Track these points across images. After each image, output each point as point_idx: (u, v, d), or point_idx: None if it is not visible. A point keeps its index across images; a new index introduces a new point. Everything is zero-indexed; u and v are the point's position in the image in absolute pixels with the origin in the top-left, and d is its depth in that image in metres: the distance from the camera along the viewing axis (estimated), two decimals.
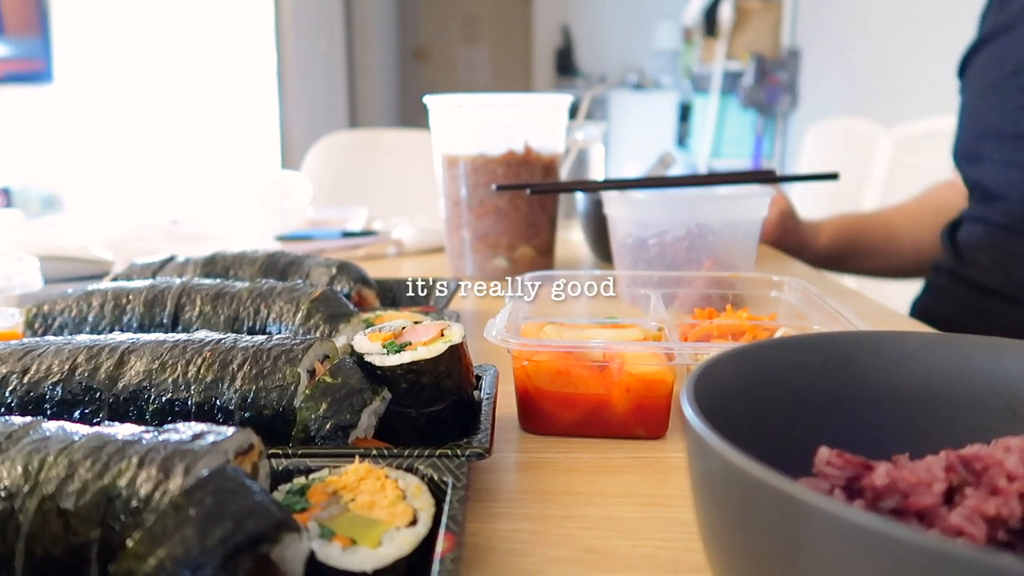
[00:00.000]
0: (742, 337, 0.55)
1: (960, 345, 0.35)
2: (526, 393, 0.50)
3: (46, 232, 0.98)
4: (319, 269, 0.69)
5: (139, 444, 0.30)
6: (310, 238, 1.13)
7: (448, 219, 0.97)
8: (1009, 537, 0.25)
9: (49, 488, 0.28)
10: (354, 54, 4.37)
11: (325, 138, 2.17)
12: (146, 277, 0.68)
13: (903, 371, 0.35)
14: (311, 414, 0.41)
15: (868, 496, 0.27)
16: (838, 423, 0.35)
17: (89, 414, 0.42)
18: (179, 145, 3.48)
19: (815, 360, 0.35)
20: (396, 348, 0.44)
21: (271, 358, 0.42)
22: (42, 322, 0.58)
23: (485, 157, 0.92)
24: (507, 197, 0.92)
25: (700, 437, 0.25)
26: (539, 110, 0.95)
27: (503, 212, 0.92)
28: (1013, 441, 0.28)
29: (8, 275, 0.74)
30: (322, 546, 0.31)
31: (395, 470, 0.36)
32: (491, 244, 0.94)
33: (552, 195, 0.95)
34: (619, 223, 0.83)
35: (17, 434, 0.31)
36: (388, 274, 0.79)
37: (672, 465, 0.46)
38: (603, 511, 0.40)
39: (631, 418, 0.49)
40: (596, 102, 4.73)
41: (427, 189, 1.24)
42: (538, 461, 0.47)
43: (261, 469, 0.34)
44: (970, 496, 0.26)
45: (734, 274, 0.70)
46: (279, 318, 0.55)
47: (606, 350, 0.49)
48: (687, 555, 0.36)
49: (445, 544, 0.30)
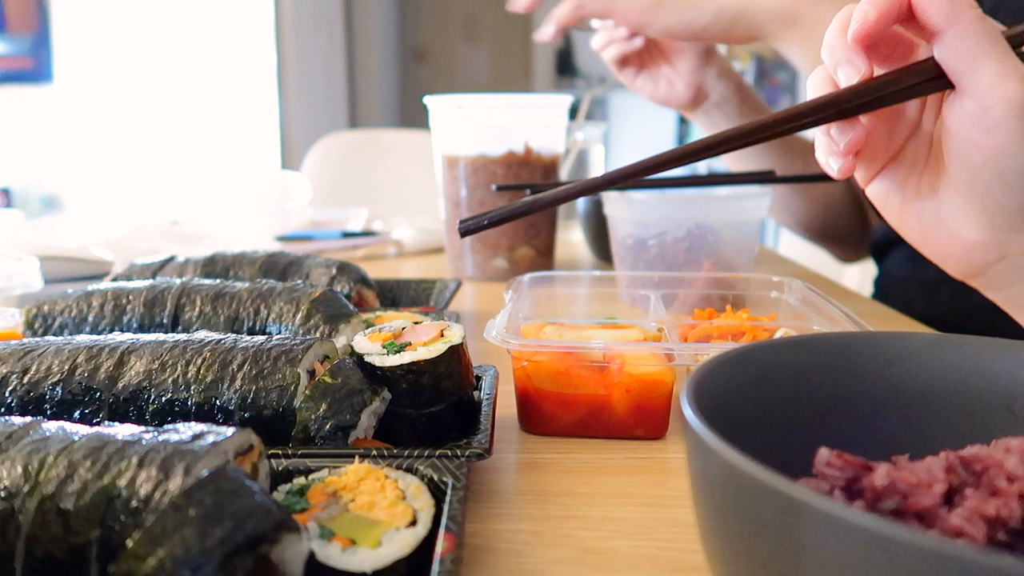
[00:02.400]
0: (742, 338, 0.55)
1: (960, 345, 0.35)
2: (526, 393, 0.50)
3: (46, 232, 0.98)
4: (319, 269, 0.69)
5: (139, 444, 0.30)
6: (310, 238, 1.13)
7: (448, 219, 0.97)
8: (1009, 538, 0.25)
9: (49, 488, 0.28)
10: (354, 54, 4.37)
11: (325, 138, 2.17)
12: (146, 277, 0.68)
13: (903, 371, 0.35)
14: (311, 414, 0.41)
15: (868, 497, 0.27)
16: (838, 423, 0.35)
17: (89, 414, 0.42)
18: (179, 145, 3.47)
19: (815, 360, 0.35)
20: (396, 348, 0.44)
21: (271, 358, 0.42)
22: (42, 322, 0.58)
23: (485, 158, 0.92)
24: (507, 197, 0.92)
25: (700, 438, 0.25)
26: (539, 111, 0.95)
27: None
28: (1013, 442, 0.28)
29: (8, 275, 0.74)
30: (322, 546, 0.31)
31: (395, 470, 0.36)
32: (491, 245, 0.94)
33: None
34: (619, 223, 0.83)
35: (17, 434, 0.31)
36: (388, 274, 0.79)
37: (672, 465, 0.46)
38: (603, 512, 0.40)
39: (631, 419, 0.49)
40: (596, 102, 4.73)
41: (427, 189, 1.24)
42: (538, 462, 0.47)
43: (261, 469, 0.34)
44: (970, 497, 0.26)
45: (734, 275, 0.70)
46: (279, 318, 0.55)
47: (606, 351, 0.49)
48: (687, 556, 0.36)
49: (445, 544, 0.30)
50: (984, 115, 0.38)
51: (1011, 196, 0.39)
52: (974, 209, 0.41)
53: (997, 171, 0.39)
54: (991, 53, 0.37)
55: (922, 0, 0.38)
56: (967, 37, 0.37)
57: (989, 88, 0.38)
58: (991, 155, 0.39)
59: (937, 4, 0.38)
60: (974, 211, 0.41)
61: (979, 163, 0.39)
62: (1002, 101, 0.37)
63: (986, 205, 0.40)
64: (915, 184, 0.43)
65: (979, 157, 0.39)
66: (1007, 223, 0.40)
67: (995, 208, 0.40)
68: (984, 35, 0.38)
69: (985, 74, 0.37)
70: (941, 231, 0.43)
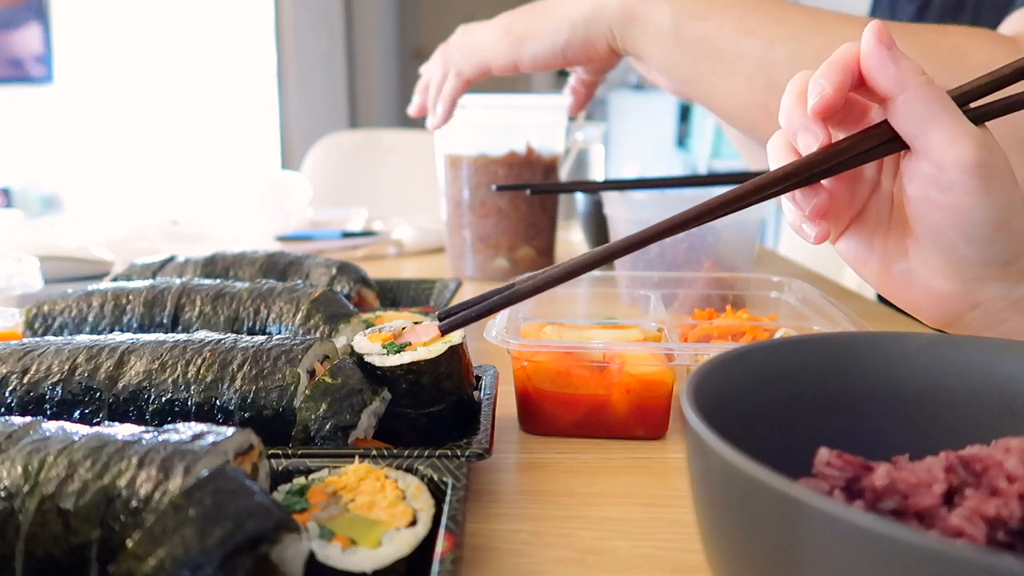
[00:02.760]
0: (742, 338, 0.55)
1: (960, 345, 0.35)
2: (526, 393, 0.50)
3: (46, 232, 0.98)
4: (319, 269, 0.69)
5: (139, 444, 0.30)
6: (310, 238, 1.13)
7: (450, 219, 0.97)
8: (1009, 538, 0.25)
9: (49, 488, 0.28)
10: (354, 54, 4.37)
11: (325, 138, 2.17)
12: (146, 277, 0.68)
13: (903, 371, 0.35)
14: (311, 414, 0.41)
15: (868, 497, 0.27)
16: (838, 423, 0.35)
17: (89, 414, 0.42)
18: (179, 145, 3.48)
19: (815, 361, 0.35)
20: (396, 348, 0.44)
21: (271, 358, 0.42)
22: (42, 322, 0.58)
23: (487, 157, 0.92)
24: (508, 198, 0.92)
25: (700, 438, 0.25)
26: (540, 111, 0.95)
27: (504, 212, 0.92)
28: (1013, 442, 0.28)
29: (8, 275, 0.74)
30: (322, 546, 0.31)
31: (395, 470, 0.36)
32: (492, 245, 0.94)
33: (553, 196, 0.95)
34: (619, 223, 0.83)
35: (17, 434, 0.31)
36: (388, 274, 0.79)
37: (672, 465, 0.46)
38: (603, 512, 0.40)
39: (631, 419, 0.49)
40: (596, 103, 4.73)
41: (427, 189, 1.24)
42: (538, 462, 0.47)
43: (261, 469, 0.34)
44: (970, 497, 0.26)
45: (734, 275, 0.70)
46: (279, 318, 0.55)
47: (606, 351, 0.49)
48: (687, 556, 0.36)
49: (445, 544, 0.30)
50: (939, 175, 0.39)
51: (975, 250, 0.41)
52: (941, 263, 0.42)
53: (958, 227, 0.40)
54: (940, 116, 0.39)
55: (871, 70, 0.40)
56: (916, 103, 0.39)
57: (941, 150, 0.39)
58: (950, 212, 0.40)
59: (886, 73, 0.39)
60: (942, 265, 0.42)
61: (939, 220, 0.41)
62: (955, 162, 0.39)
63: (952, 259, 0.42)
64: (882, 240, 0.45)
65: (939, 215, 0.40)
66: (976, 274, 0.42)
67: (961, 261, 0.41)
68: (933, 99, 0.39)
69: (936, 137, 0.39)
70: (912, 284, 0.44)
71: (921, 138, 0.39)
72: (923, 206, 0.41)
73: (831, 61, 0.41)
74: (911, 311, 0.46)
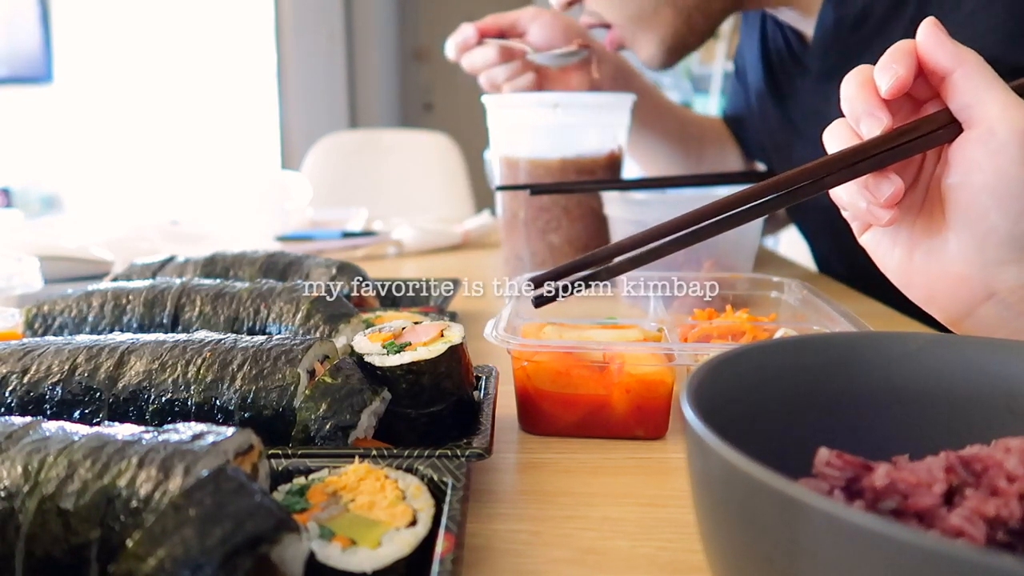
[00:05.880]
0: (742, 338, 0.55)
1: (960, 345, 0.35)
2: (526, 394, 0.50)
3: (46, 232, 0.98)
4: (319, 269, 0.69)
5: (139, 444, 0.30)
6: (310, 238, 1.13)
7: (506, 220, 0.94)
8: (1009, 538, 0.25)
9: (49, 488, 0.28)
10: (354, 54, 4.37)
11: (325, 138, 2.17)
12: (146, 277, 0.68)
13: (903, 371, 0.35)
14: (311, 414, 0.41)
15: (868, 497, 0.27)
16: (838, 423, 0.35)
17: (89, 414, 0.42)
18: (179, 145, 3.48)
19: (815, 360, 0.35)
20: (396, 348, 0.44)
21: (271, 358, 0.42)
22: (42, 322, 0.58)
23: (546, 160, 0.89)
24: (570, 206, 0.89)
25: (700, 438, 0.25)
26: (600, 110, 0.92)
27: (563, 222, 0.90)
28: (1013, 442, 0.28)
29: (8, 275, 0.74)
30: (322, 546, 0.31)
31: (395, 470, 0.36)
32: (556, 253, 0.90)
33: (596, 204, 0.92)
34: (619, 224, 0.83)
35: (17, 434, 0.31)
36: (388, 274, 0.79)
37: (672, 466, 0.46)
38: (603, 512, 0.40)
39: (631, 419, 0.49)
40: None
41: (427, 189, 1.24)
42: (538, 462, 0.47)
43: (261, 469, 0.34)
44: (970, 497, 0.26)
45: (734, 275, 0.70)
46: (279, 318, 0.55)
47: (606, 351, 0.49)
48: (687, 556, 0.36)
49: (445, 545, 0.30)
50: (989, 138, 0.42)
51: (1006, 220, 0.43)
52: (967, 240, 0.44)
53: (996, 193, 0.42)
54: (995, 87, 0.42)
55: (931, 49, 0.43)
56: (974, 75, 0.43)
57: (997, 115, 0.42)
58: (992, 175, 0.42)
59: (944, 51, 0.43)
60: (967, 242, 0.44)
61: (980, 184, 0.43)
62: (1008, 126, 0.42)
63: (979, 233, 0.43)
64: (907, 231, 0.47)
65: (981, 178, 0.43)
66: (997, 254, 0.43)
67: (988, 234, 0.43)
68: (988, 72, 0.43)
69: (993, 104, 0.42)
70: (931, 270, 0.46)
71: (977, 107, 0.42)
72: (967, 170, 0.43)
73: (894, 50, 0.44)
74: (926, 304, 0.48)
